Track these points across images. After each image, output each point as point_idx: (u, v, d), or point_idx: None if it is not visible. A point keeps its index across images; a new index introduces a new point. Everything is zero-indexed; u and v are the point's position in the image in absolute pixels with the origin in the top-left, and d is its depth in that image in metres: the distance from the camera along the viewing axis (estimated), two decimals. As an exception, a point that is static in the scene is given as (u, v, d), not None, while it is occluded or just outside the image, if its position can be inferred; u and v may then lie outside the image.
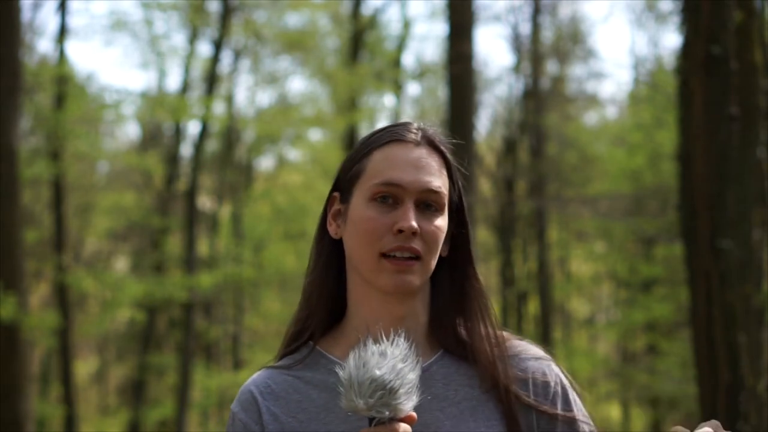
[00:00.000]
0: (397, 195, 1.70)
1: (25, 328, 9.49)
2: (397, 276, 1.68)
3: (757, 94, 6.19)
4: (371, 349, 1.59)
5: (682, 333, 16.65)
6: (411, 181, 1.70)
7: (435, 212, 1.72)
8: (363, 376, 1.56)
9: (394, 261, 1.68)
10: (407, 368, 1.58)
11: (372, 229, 1.70)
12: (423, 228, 1.70)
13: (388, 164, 1.72)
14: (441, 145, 1.77)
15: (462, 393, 1.71)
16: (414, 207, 1.70)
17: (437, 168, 1.74)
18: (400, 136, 1.75)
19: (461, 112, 10.35)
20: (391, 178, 1.71)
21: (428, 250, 1.70)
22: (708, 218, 5.12)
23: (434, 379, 1.72)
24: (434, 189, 1.71)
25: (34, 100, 14.72)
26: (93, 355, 25.00)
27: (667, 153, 15.35)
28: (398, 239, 1.68)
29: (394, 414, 1.56)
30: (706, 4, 5.13)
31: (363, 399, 1.56)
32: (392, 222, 1.69)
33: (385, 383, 1.55)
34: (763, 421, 5.54)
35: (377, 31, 18.95)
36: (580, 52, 22.58)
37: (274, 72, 18.06)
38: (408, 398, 1.57)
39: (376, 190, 1.71)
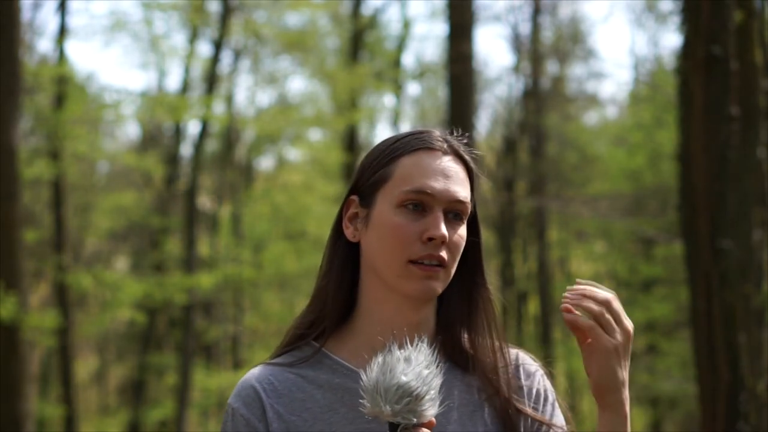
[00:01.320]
0: (427, 203, 1.72)
1: (25, 328, 9.49)
2: (425, 282, 1.70)
3: (757, 94, 6.19)
4: (396, 354, 1.59)
5: (682, 333, 16.66)
6: (442, 190, 1.72)
7: (459, 221, 1.74)
8: (389, 382, 1.56)
9: (423, 267, 1.70)
10: (432, 374, 1.58)
11: (401, 236, 1.70)
12: (449, 237, 1.72)
13: (419, 171, 1.73)
14: (465, 155, 1.79)
15: (460, 399, 1.74)
16: (442, 217, 1.72)
17: (463, 178, 1.76)
18: (428, 144, 1.76)
19: (461, 112, 10.35)
20: (423, 186, 1.71)
21: (452, 258, 1.73)
22: (708, 218, 5.12)
23: None
24: (462, 199, 1.73)
25: (34, 100, 14.71)
26: (93, 355, 25.00)
27: (667, 153, 15.35)
28: (428, 247, 1.70)
29: (419, 420, 1.57)
30: (706, 4, 5.13)
31: (390, 405, 1.56)
32: (422, 230, 1.70)
33: (412, 390, 1.56)
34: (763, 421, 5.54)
35: (377, 31, 18.95)
36: (580, 52, 22.58)
37: (274, 72, 18.06)
38: (433, 404, 1.58)
39: (405, 197, 1.72)
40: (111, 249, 23.78)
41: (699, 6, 5.16)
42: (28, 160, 14.20)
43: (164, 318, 20.64)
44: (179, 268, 15.83)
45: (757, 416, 5.37)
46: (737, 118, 5.25)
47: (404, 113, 20.02)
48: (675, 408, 19.48)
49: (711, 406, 5.02)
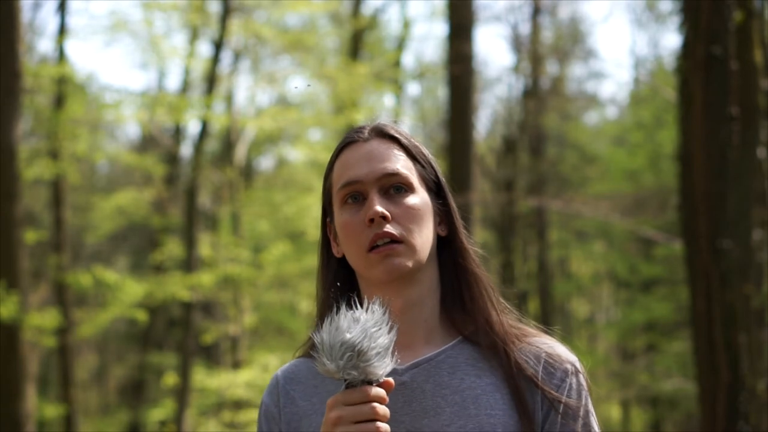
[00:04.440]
0: (360, 191, 1.75)
1: (25, 328, 9.49)
2: (386, 262, 1.72)
3: (757, 94, 6.19)
4: (344, 314, 1.62)
5: (682, 333, 16.66)
6: (366, 173, 1.75)
7: (405, 193, 1.75)
8: (334, 340, 1.59)
9: (378, 250, 1.72)
10: (379, 332, 1.60)
11: (351, 230, 1.74)
12: (393, 211, 1.73)
13: (345, 167, 1.78)
14: (391, 131, 1.81)
15: (467, 382, 1.72)
16: (381, 195, 1.74)
17: (392, 153, 1.78)
18: (349, 139, 1.81)
19: (461, 112, 10.35)
20: (348, 177, 1.76)
21: (408, 230, 1.73)
22: (708, 218, 5.12)
23: (440, 368, 1.74)
24: (390, 172, 1.75)
25: (34, 100, 14.71)
26: (93, 355, 25.00)
27: (667, 153, 15.35)
28: (373, 229, 1.72)
29: (364, 377, 1.59)
30: (706, 4, 5.13)
31: (334, 362, 1.59)
32: (363, 217, 1.73)
33: (354, 346, 1.58)
34: (763, 421, 5.54)
35: (377, 31, 18.95)
36: (580, 52, 22.59)
37: (274, 72, 18.06)
38: (379, 362, 1.59)
39: (341, 194, 1.77)
40: (111, 249, 23.78)
41: (699, 6, 5.16)
42: (28, 160, 14.19)
43: (164, 318, 20.64)
44: (179, 268, 15.82)
45: (757, 416, 5.38)
46: (737, 118, 5.25)
47: (404, 113, 20.01)
48: (675, 408, 19.48)
49: (711, 406, 5.02)
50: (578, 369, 1.75)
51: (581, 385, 1.74)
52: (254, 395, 15.16)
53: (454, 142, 10.38)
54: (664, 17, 18.99)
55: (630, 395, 19.65)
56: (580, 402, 1.72)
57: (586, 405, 1.74)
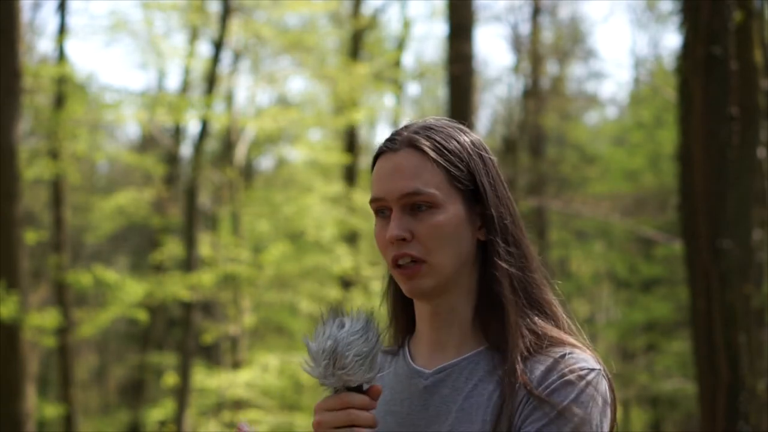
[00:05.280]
0: (386, 207, 1.76)
1: (25, 328, 9.49)
2: (408, 283, 1.74)
3: (757, 94, 6.19)
4: (331, 322, 1.65)
5: (682, 333, 16.66)
6: (387, 191, 1.75)
7: (428, 210, 1.73)
8: (318, 346, 1.63)
9: (400, 270, 1.74)
10: (358, 340, 1.62)
11: (379, 244, 1.77)
12: (417, 230, 1.73)
13: (376, 179, 1.78)
14: (419, 143, 1.76)
15: (480, 389, 1.71)
16: (404, 213, 1.74)
17: (416, 167, 1.75)
18: (383, 148, 1.80)
19: (461, 112, 10.34)
20: (374, 193, 1.77)
21: (429, 250, 1.72)
22: (708, 218, 5.12)
23: (461, 374, 1.74)
24: (411, 191, 1.73)
25: (34, 100, 14.70)
26: (93, 355, 25.00)
27: (667, 153, 15.35)
28: (394, 249, 1.74)
29: (343, 383, 1.62)
30: (706, 4, 5.13)
31: (317, 368, 1.63)
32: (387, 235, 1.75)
33: (331, 352, 1.61)
34: (763, 421, 5.54)
35: (377, 31, 18.94)
36: (580, 52, 22.59)
37: (274, 72, 18.05)
38: (357, 369, 1.61)
39: (372, 207, 1.79)
40: (111, 249, 23.78)
41: (699, 6, 5.16)
42: (28, 160, 14.19)
43: (164, 318, 20.64)
44: (179, 268, 15.82)
45: (757, 416, 5.38)
46: (737, 118, 5.25)
47: (404, 113, 20.00)
48: (675, 408, 19.48)
49: (711, 406, 5.02)
50: (584, 377, 1.67)
51: (583, 395, 1.66)
52: (254, 395, 15.16)
53: (454, 142, 10.36)
54: (664, 17, 19.00)
55: (630, 395, 19.64)
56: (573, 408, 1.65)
57: (584, 415, 1.65)
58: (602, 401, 1.68)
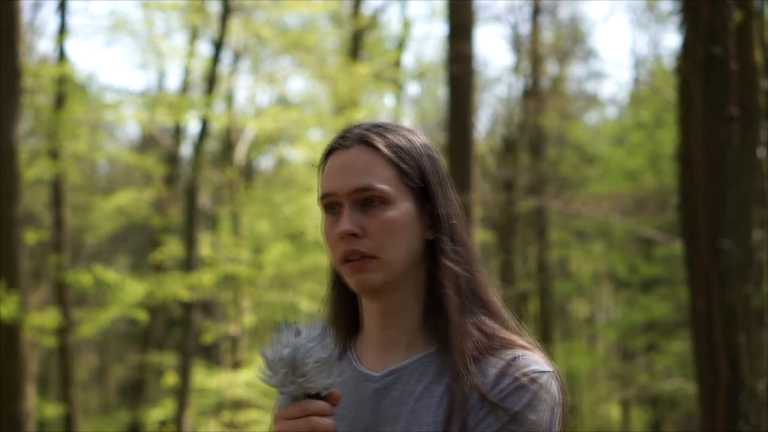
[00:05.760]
0: (337, 203, 1.75)
1: (25, 328, 9.49)
2: (356, 276, 1.73)
3: (757, 94, 6.19)
4: (287, 329, 1.64)
5: (682, 332, 16.66)
6: (338, 186, 1.74)
7: (379, 206, 1.73)
8: (274, 355, 1.62)
9: (350, 264, 1.73)
10: (316, 347, 1.62)
11: (328, 240, 1.76)
12: (367, 225, 1.72)
13: (325, 177, 1.78)
14: (371, 139, 1.77)
15: (431, 390, 1.70)
16: (355, 209, 1.73)
17: (371, 163, 1.75)
18: (333, 145, 1.80)
19: (461, 112, 10.34)
20: (325, 189, 1.77)
21: (380, 246, 1.72)
22: (708, 218, 5.12)
23: (411, 376, 1.73)
24: (363, 187, 1.73)
25: (34, 100, 14.70)
26: (93, 355, 25.01)
27: (667, 153, 15.35)
28: (344, 245, 1.73)
29: (303, 391, 1.61)
30: (706, 4, 5.13)
31: (275, 377, 1.62)
32: (337, 230, 1.74)
33: (289, 361, 1.60)
34: (763, 421, 5.54)
35: (377, 31, 18.94)
36: (580, 52, 22.59)
37: (274, 72, 18.06)
38: (316, 376, 1.61)
39: (322, 204, 1.78)
40: (111, 249, 23.79)
41: (699, 6, 5.16)
42: (28, 160, 14.19)
43: (164, 318, 20.64)
44: (179, 268, 15.82)
45: (757, 416, 5.38)
46: (737, 118, 5.25)
47: (404, 113, 20.01)
48: (675, 408, 19.48)
49: (711, 406, 5.02)
50: (536, 380, 1.68)
51: (535, 398, 1.67)
52: (254, 395, 15.16)
53: (454, 143, 10.38)
54: (664, 17, 18.99)
55: (630, 395, 19.66)
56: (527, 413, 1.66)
57: (537, 419, 1.67)
58: (554, 403, 1.70)
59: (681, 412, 19.17)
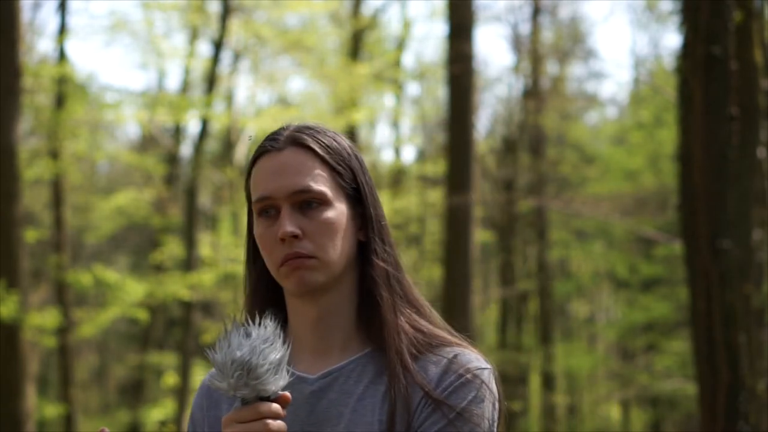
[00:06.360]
0: (273, 206, 1.74)
1: (25, 328, 9.49)
2: (296, 274, 1.72)
3: (757, 94, 6.19)
4: (236, 331, 1.62)
5: (682, 333, 16.67)
6: (276, 188, 1.73)
7: (318, 207, 1.73)
8: (225, 357, 1.59)
9: (288, 263, 1.72)
10: (269, 349, 1.59)
11: (265, 245, 1.74)
12: (306, 227, 1.72)
13: (259, 179, 1.76)
14: (304, 141, 1.77)
15: (371, 390, 1.71)
16: (294, 211, 1.73)
17: (306, 164, 1.75)
18: (265, 148, 1.79)
19: (461, 112, 10.34)
20: (262, 192, 1.74)
21: (320, 246, 1.72)
22: (708, 218, 5.12)
23: (349, 377, 1.73)
24: (300, 188, 1.72)
25: (34, 100, 14.71)
26: (93, 355, 25.01)
27: (667, 153, 15.35)
28: (284, 248, 1.71)
29: (257, 394, 1.59)
30: (706, 4, 5.13)
31: (226, 380, 1.59)
32: (276, 233, 1.72)
33: (243, 363, 1.57)
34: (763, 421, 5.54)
35: (377, 31, 18.94)
36: (580, 52, 22.59)
37: (274, 72, 18.06)
38: (270, 378, 1.59)
39: (256, 207, 1.76)
40: (111, 249, 23.79)
41: (699, 6, 5.16)
42: (28, 160, 14.19)
43: (164, 317, 20.64)
44: (179, 268, 15.83)
45: (757, 416, 5.38)
46: (737, 118, 5.25)
47: (404, 113, 20.01)
48: (675, 408, 19.49)
49: (711, 406, 5.03)
50: (478, 376, 1.70)
51: (478, 394, 1.70)
52: (254, 395, 15.14)
53: (454, 142, 10.38)
54: (664, 17, 18.99)
55: (630, 395, 19.65)
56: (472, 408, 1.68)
57: (481, 413, 1.69)
58: (494, 399, 1.72)
59: (681, 412, 19.18)
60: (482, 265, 21.07)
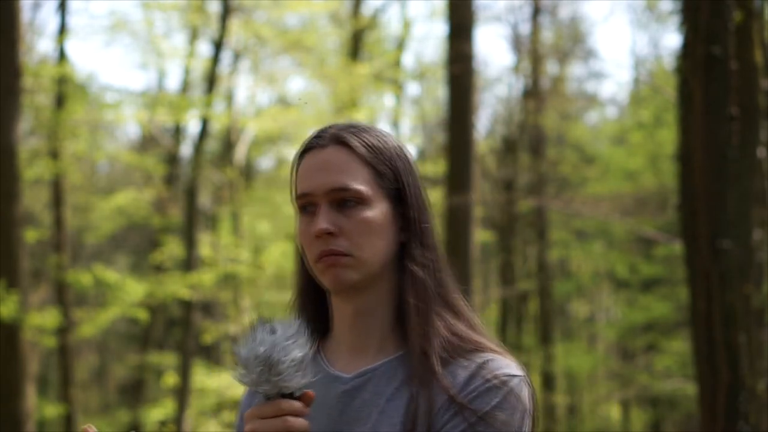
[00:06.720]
0: (313, 203, 1.75)
1: (25, 328, 9.49)
2: (330, 272, 1.72)
3: (757, 94, 6.19)
4: (262, 328, 1.63)
5: (682, 332, 16.67)
6: (316, 186, 1.74)
7: (356, 206, 1.73)
8: (249, 353, 1.61)
9: (324, 260, 1.73)
10: (292, 346, 1.60)
11: (303, 240, 1.76)
12: (344, 225, 1.72)
13: (301, 176, 1.77)
14: (347, 139, 1.77)
15: (402, 391, 1.70)
16: (332, 208, 1.73)
17: (347, 163, 1.75)
18: (308, 145, 1.79)
19: (461, 112, 10.34)
20: (302, 189, 1.76)
21: (357, 244, 1.72)
22: (708, 218, 5.12)
23: (381, 377, 1.73)
24: (339, 186, 1.73)
25: (34, 100, 14.70)
26: (93, 355, 25.01)
27: (667, 153, 15.35)
28: (320, 244, 1.72)
29: (279, 390, 1.59)
30: (706, 4, 5.13)
31: (249, 375, 1.60)
32: (313, 229, 1.74)
33: (265, 359, 1.59)
34: (763, 421, 5.54)
35: (377, 31, 18.94)
36: (580, 52, 22.59)
37: (274, 72, 18.05)
38: (292, 375, 1.59)
39: (298, 204, 1.77)
40: (111, 249, 23.79)
41: (699, 6, 5.16)
42: (28, 160, 14.19)
43: (164, 317, 20.64)
44: (179, 268, 15.82)
45: (757, 416, 5.37)
46: (737, 118, 5.25)
47: (404, 113, 20.01)
48: (675, 408, 19.49)
49: (711, 406, 5.02)
50: (506, 383, 1.68)
51: (505, 400, 1.67)
52: (254, 395, 15.13)
53: (454, 142, 10.38)
54: (664, 17, 18.99)
55: (630, 395, 19.65)
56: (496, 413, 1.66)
57: (506, 421, 1.66)
58: (523, 409, 1.69)
59: (681, 412, 19.18)
60: (482, 265, 21.08)
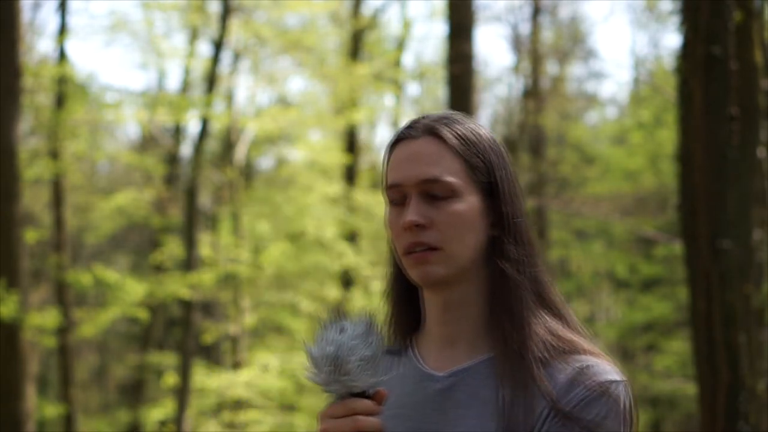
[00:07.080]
0: (403, 194, 1.72)
1: (25, 328, 9.49)
2: (419, 268, 1.70)
3: (757, 94, 6.19)
4: (332, 327, 1.62)
5: (682, 332, 16.67)
6: (406, 177, 1.71)
7: (446, 199, 1.70)
8: (319, 352, 1.60)
9: (413, 255, 1.70)
10: (362, 345, 1.59)
11: (392, 231, 1.73)
12: (434, 217, 1.69)
13: (392, 167, 1.74)
14: (439, 131, 1.74)
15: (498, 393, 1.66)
16: (422, 200, 1.70)
17: (439, 154, 1.72)
18: (401, 135, 1.76)
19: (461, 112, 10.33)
20: (392, 179, 1.73)
21: (446, 238, 1.69)
22: (708, 218, 5.12)
23: (476, 378, 1.70)
24: (429, 178, 1.70)
25: (34, 100, 14.70)
26: (93, 355, 25.00)
27: (667, 153, 15.35)
28: (410, 236, 1.70)
29: (348, 389, 1.59)
30: (706, 4, 5.13)
31: (320, 375, 1.60)
32: (403, 221, 1.71)
33: (334, 358, 1.58)
34: (763, 421, 5.54)
35: (377, 31, 18.93)
36: (580, 52, 22.59)
37: (274, 72, 18.05)
38: (360, 374, 1.58)
39: (388, 195, 1.74)
40: (111, 249, 23.79)
41: (699, 6, 5.16)
42: (28, 160, 14.19)
43: (164, 317, 20.64)
44: (179, 268, 15.82)
45: (757, 416, 5.37)
46: (737, 118, 5.25)
47: (404, 113, 20.00)
48: (675, 408, 19.48)
49: (711, 406, 5.02)
50: (609, 391, 1.67)
51: (610, 411, 1.67)
52: (254, 395, 15.16)
53: (454, 142, 10.36)
54: (664, 17, 18.98)
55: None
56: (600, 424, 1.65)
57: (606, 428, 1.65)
58: (625, 415, 1.70)
59: (681, 412, 19.17)
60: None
